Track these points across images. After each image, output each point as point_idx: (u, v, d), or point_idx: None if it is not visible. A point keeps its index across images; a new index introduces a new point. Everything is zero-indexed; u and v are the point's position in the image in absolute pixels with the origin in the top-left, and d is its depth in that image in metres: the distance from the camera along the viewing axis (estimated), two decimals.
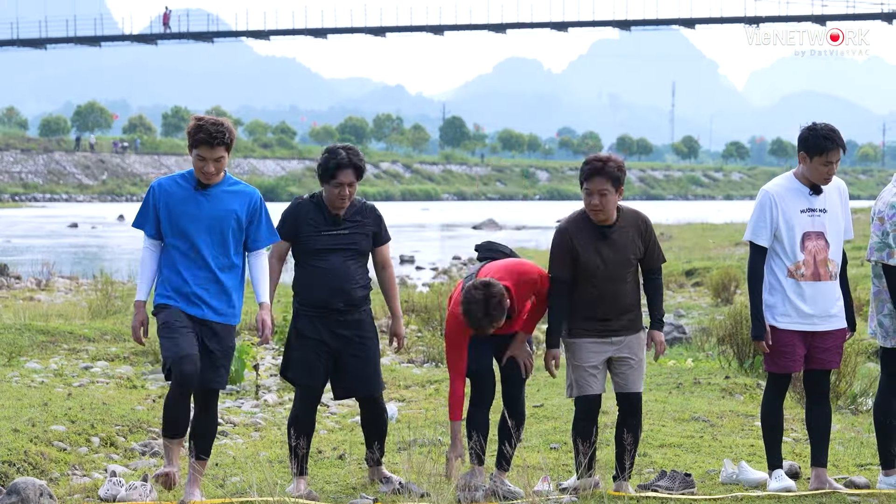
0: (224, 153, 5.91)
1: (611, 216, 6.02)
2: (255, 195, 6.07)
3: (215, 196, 5.98)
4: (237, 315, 6.11)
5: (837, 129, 6.13)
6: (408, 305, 15.15)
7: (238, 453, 7.44)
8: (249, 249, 6.08)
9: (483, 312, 5.88)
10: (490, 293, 5.88)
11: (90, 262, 26.23)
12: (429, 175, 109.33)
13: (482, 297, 5.88)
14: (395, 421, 8.58)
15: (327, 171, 6.20)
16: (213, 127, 5.86)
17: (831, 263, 6.17)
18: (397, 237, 42.55)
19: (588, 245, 6.02)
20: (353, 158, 6.20)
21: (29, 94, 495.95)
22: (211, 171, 5.91)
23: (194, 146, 5.88)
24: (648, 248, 6.12)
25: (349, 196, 6.23)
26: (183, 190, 6.00)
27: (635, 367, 6.11)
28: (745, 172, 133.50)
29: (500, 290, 5.90)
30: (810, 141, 6.08)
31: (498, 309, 5.88)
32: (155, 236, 6.04)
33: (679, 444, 7.42)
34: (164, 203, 5.99)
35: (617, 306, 6.05)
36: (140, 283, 6.04)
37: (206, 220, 5.95)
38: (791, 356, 6.16)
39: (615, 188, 5.95)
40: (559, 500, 5.87)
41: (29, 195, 78.97)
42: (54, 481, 6.75)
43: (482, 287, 5.90)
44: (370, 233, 6.36)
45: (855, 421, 8.60)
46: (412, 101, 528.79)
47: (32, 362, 10.59)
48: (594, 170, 5.94)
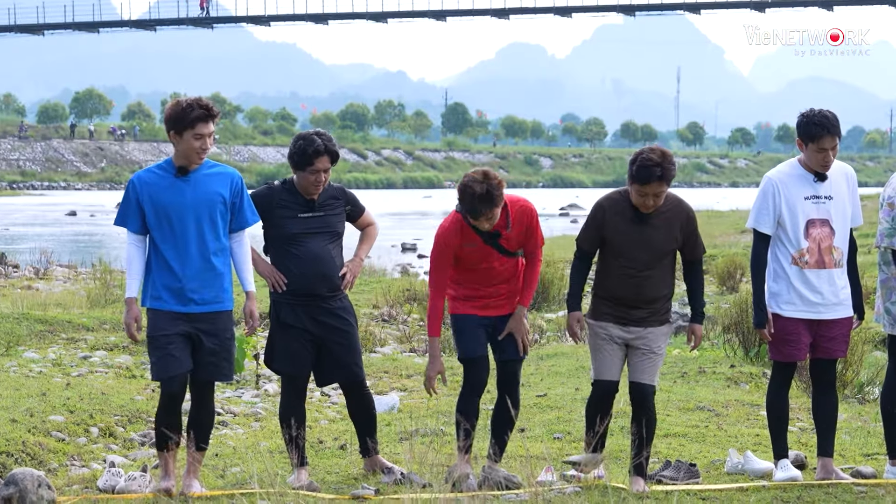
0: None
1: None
2: (236, 175, 6.04)
3: (198, 181, 5.92)
4: (231, 298, 6.07)
5: (834, 114, 6.08)
6: (410, 294, 15.11)
7: (238, 444, 7.41)
8: (233, 231, 6.03)
9: (483, 190, 5.85)
10: (489, 174, 5.92)
11: (89, 251, 26.16)
12: (431, 162, 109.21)
13: (482, 176, 5.89)
14: (397, 411, 8.54)
15: (305, 157, 6.19)
16: (202, 102, 5.86)
17: (836, 251, 6.12)
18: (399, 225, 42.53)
19: (621, 227, 5.94)
20: (328, 144, 6.23)
21: (27, 81, 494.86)
22: (208, 147, 5.88)
23: (190, 126, 5.81)
24: (689, 240, 6.04)
25: (324, 182, 6.26)
26: (164, 180, 5.93)
27: (649, 359, 6.02)
28: (751, 159, 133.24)
29: (497, 175, 5.93)
30: (803, 127, 6.06)
31: (497, 189, 5.89)
32: (139, 231, 5.96)
33: (684, 433, 7.40)
34: (147, 196, 5.91)
35: (640, 294, 5.96)
36: (129, 280, 5.96)
37: (193, 207, 5.89)
38: (796, 344, 6.12)
39: (668, 185, 5.88)
40: (563, 490, 5.82)
41: (27, 183, 78.88)
42: (53, 472, 6.73)
43: (481, 174, 5.93)
44: (345, 213, 6.41)
45: (862, 410, 8.58)
46: (414, 88, 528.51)
47: (30, 352, 10.54)
48: (653, 176, 5.79)
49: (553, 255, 19.24)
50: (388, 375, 10.30)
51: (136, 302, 5.95)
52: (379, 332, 12.92)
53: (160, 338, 5.87)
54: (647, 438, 5.99)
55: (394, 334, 13.16)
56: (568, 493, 5.73)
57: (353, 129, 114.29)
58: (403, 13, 78.79)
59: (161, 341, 5.86)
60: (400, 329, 13.57)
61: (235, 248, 6.04)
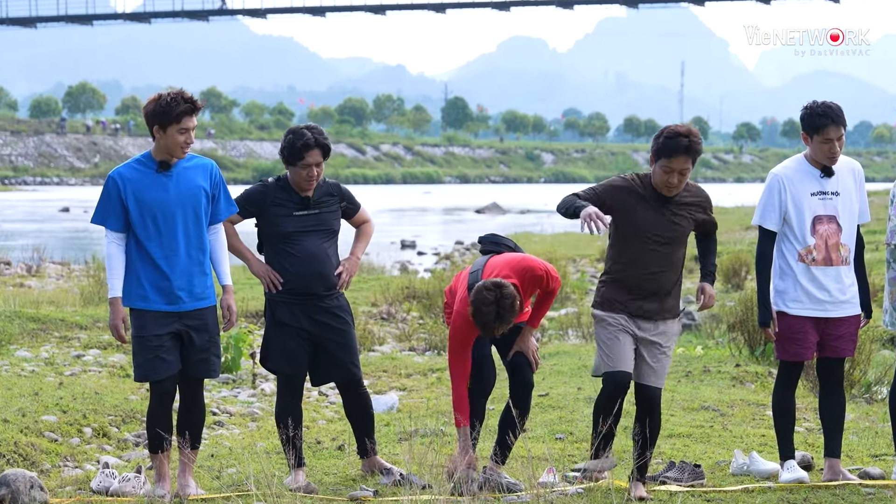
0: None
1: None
2: (213, 166, 5.96)
3: (179, 175, 5.82)
4: (214, 293, 5.99)
5: (838, 105, 6.01)
6: (409, 292, 15.05)
7: (234, 444, 7.39)
8: (211, 223, 5.94)
9: (495, 315, 5.74)
10: (502, 294, 5.73)
11: (82, 248, 26.02)
12: (430, 157, 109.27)
13: (493, 300, 5.73)
14: (396, 411, 8.47)
15: (295, 152, 6.11)
16: (186, 95, 5.76)
17: (843, 248, 6.05)
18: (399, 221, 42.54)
19: (638, 208, 5.76)
20: (318, 138, 6.14)
21: (18, 75, 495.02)
22: (192, 141, 5.79)
23: (175, 120, 5.69)
24: (705, 222, 5.95)
25: (317, 177, 6.17)
26: (145, 175, 5.81)
27: (657, 359, 5.84)
28: (757, 154, 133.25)
29: (511, 291, 5.75)
30: (807, 120, 6.00)
31: (510, 311, 5.75)
32: (121, 229, 5.84)
33: (688, 433, 7.35)
34: (130, 192, 5.79)
35: (649, 283, 5.77)
36: (112, 280, 5.84)
37: (179, 202, 5.79)
38: (803, 343, 6.05)
39: (693, 164, 5.72)
40: (564, 491, 5.75)
41: (19, 179, 78.78)
42: (45, 473, 6.68)
43: (494, 288, 5.75)
44: (340, 210, 6.33)
45: (870, 410, 8.57)
46: (413, 82, 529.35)
47: (23, 350, 10.48)
48: (680, 148, 5.64)
49: (555, 253, 19.21)
50: (387, 374, 10.25)
51: (120, 302, 5.84)
52: (378, 330, 12.89)
53: (151, 338, 5.77)
54: (651, 441, 5.87)
55: (393, 332, 13.12)
56: (570, 495, 5.67)
57: (351, 123, 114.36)
58: (402, 5, 78.64)
59: (151, 342, 5.77)
60: (399, 327, 13.53)
61: (213, 240, 5.95)
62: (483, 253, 6.33)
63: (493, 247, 6.29)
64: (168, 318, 5.78)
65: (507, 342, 6.15)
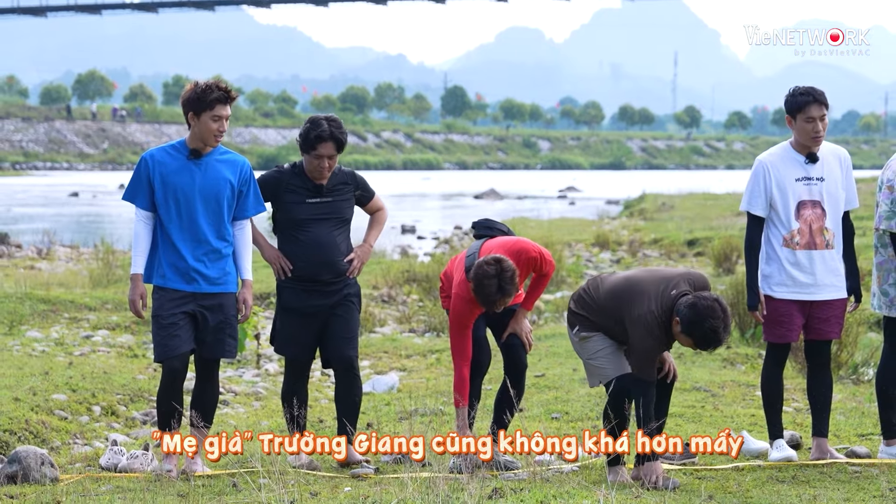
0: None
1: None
2: (246, 164, 6.07)
3: (209, 165, 5.95)
4: (235, 281, 6.09)
5: (821, 90, 6.12)
6: (409, 275, 15.13)
7: (239, 423, 7.44)
8: (236, 219, 6.05)
9: (496, 287, 5.83)
10: (503, 268, 5.85)
11: (91, 231, 26.19)
12: (430, 144, 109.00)
13: (495, 273, 5.84)
14: (396, 391, 8.59)
15: (308, 141, 6.15)
16: (220, 85, 5.90)
17: (828, 232, 6.12)
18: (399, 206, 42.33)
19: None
20: (334, 131, 6.15)
21: (29, 63, 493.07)
22: (224, 129, 5.91)
23: (209, 107, 5.84)
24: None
25: (329, 168, 6.20)
26: (176, 161, 5.95)
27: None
28: (748, 142, 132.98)
29: (511, 265, 5.87)
30: (789, 102, 6.12)
31: (511, 283, 5.85)
32: (148, 208, 5.98)
33: (680, 413, 7.39)
34: (157, 174, 5.94)
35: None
36: (136, 256, 5.98)
37: (202, 190, 5.92)
38: (788, 325, 6.12)
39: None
40: (560, 469, 5.85)
41: (30, 164, 78.79)
42: (55, 450, 6.77)
43: (494, 263, 5.87)
44: (354, 198, 6.37)
45: (856, 391, 8.60)
46: (414, 71, 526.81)
47: (33, 331, 10.59)
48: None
49: (551, 238, 19.27)
50: (388, 355, 10.35)
51: (141, 278, 5.98)
52: (379, 312, 12.95)
53: (166, 316, 5.89)
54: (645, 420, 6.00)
55: (393, 315, 13.19)
56: (566, 473, 5.75)
57: (353, 111, 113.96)
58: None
59: (166, 320, 5.88)
60: (399, 310, 13.62)
61: (238, 235, 6.06)
62: (477, 237, 6.40)
63: (488, 231, 6.38)
64: (184, 298, 5.90)
65: (502, 324, 6.24)
